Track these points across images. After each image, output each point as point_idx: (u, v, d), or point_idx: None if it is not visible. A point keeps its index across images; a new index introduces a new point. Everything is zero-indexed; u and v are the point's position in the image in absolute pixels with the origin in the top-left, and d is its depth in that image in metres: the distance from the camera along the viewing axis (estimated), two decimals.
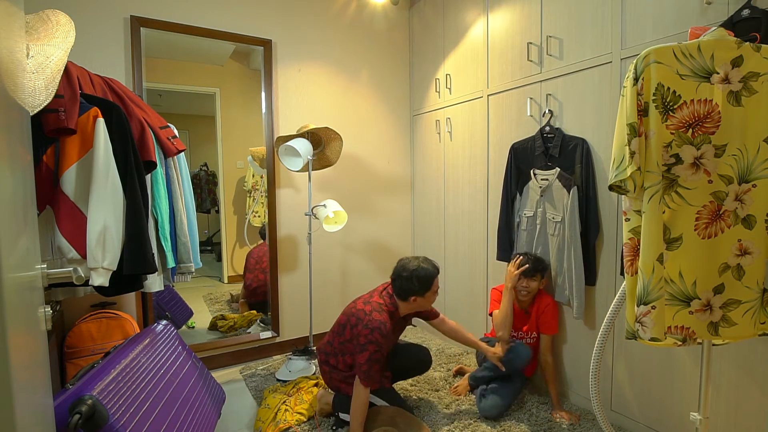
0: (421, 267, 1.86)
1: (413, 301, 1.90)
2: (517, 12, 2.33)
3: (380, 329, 1.81)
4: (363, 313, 1.87)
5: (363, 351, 1.79)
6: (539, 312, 2.14)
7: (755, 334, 1.20)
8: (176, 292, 2.71)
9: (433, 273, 1.89)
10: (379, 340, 1.79)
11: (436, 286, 1.91)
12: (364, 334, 1.81)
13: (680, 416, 1.72)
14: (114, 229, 1.25)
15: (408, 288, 1.87)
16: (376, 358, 1.78)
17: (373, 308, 1.88)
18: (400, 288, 1.90)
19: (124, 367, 1.36)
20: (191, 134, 2.86)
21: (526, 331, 2.18)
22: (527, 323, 2.18)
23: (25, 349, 0.64)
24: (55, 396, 1.17)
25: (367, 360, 1.77)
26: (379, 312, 1.87)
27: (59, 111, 1.16)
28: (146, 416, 1.31)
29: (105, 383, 1.24)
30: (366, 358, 1.77)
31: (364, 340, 1.80)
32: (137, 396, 1.32)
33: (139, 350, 1.50)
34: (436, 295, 1.94)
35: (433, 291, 1.90)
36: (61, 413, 1.12)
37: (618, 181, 1.17)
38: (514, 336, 2.21)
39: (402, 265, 1.90)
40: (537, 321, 2.15)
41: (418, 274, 1.85)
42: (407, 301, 1.91)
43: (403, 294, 1.90)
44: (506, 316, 2.10)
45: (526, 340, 2.18)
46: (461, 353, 2.78)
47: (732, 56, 1.11)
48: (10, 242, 0.59)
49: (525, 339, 2.18)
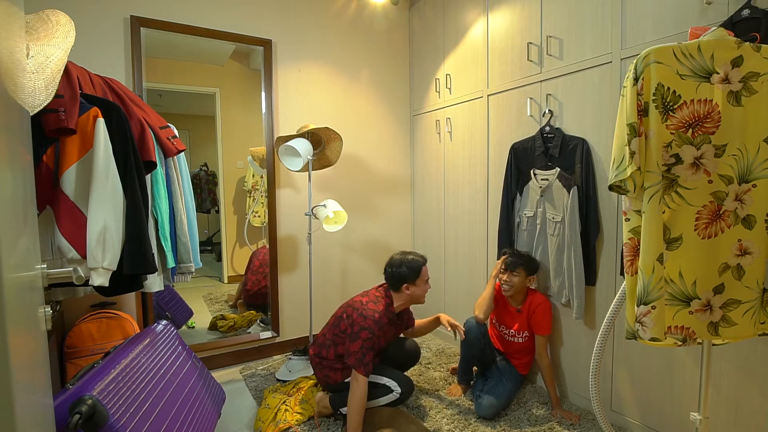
0: (409, 257, 2.01)
1: (406, 290, 2.00)
2: (517, 12, 2.33)
3: (373, 317, 1.88)
4: (359, 304, 1.97)
5: (356, 339, 1.85)
6: (530, 311, 2.15)
7: (755, 334, 1.20)
8: (176, 292, 2.71)
9: (421, 262, 2.01)
10: (372, 327, 1.86)
11: (425, 275, 2.02)
12: (358, 322, 1.88)
13: (680, 416, 1.72)
14: (114, 229, 1.25)
15: (399, 275, 1.98)
16: (369, 345, 1.83)
17: (370, 299, 2.00)
18: (391, 276, 2.01)
19: (124, 367, 1.36)
20: (191, 134, 2.86)
21: (517, 330, 2.18)
22: (518, 321, 2.18)
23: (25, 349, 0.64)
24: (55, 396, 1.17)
25: (361, 347, 1.82)
26: (375, 303, 1.97)
27: (59, 111, 1.16)
28: (146, 416, 1.31)
29: (105, 383, 1.24)
30: (359, 345, 1.83)
31: (358, 328, 1.87)
32: (137, 396, 1.32)
33: (139, 350, 1.50)
34: (428, 286, 2.05)
35: (423, 279, 2.01)
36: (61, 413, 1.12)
37: (618, 181, 1.17)
38: (504, 334, 2.23)
39: (391, 257, 2.05)
40: (529, 320, 2.16)
41: (407, 262, 1.99)
42: (400, 291, 2.01)
43: (395, 283, 2.00)
44: (484, 299, 2.18)
45: (516, 339, 2.19)
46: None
47: (732, 56, 1.11)
48: (10, 242, 0.59)
49: (516, 338, 2.19)
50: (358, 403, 1.79)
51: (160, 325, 1.75)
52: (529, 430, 1.93)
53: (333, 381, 1.99)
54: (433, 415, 2.06)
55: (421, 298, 2.04)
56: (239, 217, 2.96)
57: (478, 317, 2.15)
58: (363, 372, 1.79)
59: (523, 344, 2.18)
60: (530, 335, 2.17)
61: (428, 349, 2.85)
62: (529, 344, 2.19)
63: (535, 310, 2.13)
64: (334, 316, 2.07)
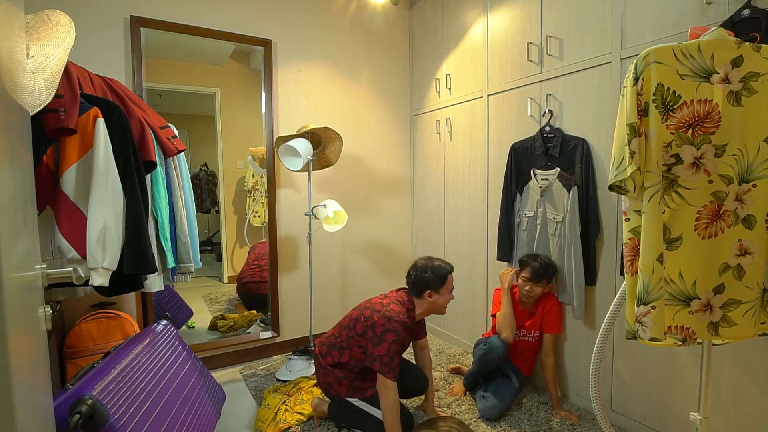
0: (435, 262, 1.89)
1: (428, 296, 1.86)
2: (517, 12, 2.33)
3: (398, 318, 1.77)
4: (380, 305, 1.82)
5: (381, 342, 1.72)
6: (544, 312, 2.14)
7: (755, 334, 1.20)
8: (176, 293, 2.71)
9: (448, 269, 1.89)
10: (398, 329, 1.74)
11: (450, 284, 1.90)
12: (380, 324, 1.75)
13: (680, 416, 1.72)
14: (114, 229, 1.25)
15: (423, 280, 1.85)
16: (396, 348, 1.72)
17: (391, 301, 1.86)
18: (414, 281, 1.87)
19: (124, 367, 1.36)
20: (191, 134, 2.86)
21: (528, 328, 2.18)
22: (530, 320, 2.18)
23: (25, 349, 0.64)
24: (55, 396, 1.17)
25: (387, 350, 1.70)
26: (397, 305, 1.84)
27: (59, 111, 1.16)
28: (146, 416, 1.31)
29: (105, 383, 1.24)
30: (386, 348, 1.70)
31: (381, 330, 1.73)
32: (137, 396, 1.32)
33: (139, 350, 1.50)
34: (451, 296, 1.92)
35: (447, 288, 1.89)
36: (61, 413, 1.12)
37: (618, 181, 1.17)
38: (517, 334, 2.20)
39: (416, 261, 1.92)
40: (542, 320, 2.15)
41: (433, 268, 1.86)
42: (422, 298, 1.88)
43: (418, 288, 1.87)
44: (506, 316, 2.10)
45: (528, 338, 2.18)
46: (461, 353, 2.78)
47: (732, 56, 1.11)
48: (10, 242, 0.59)
49: (527, 337, 2.18)
50: (392, 413, 1.68)
51: (160, 325, 1.75)
52: (529, 430, 1.93)
53: (335, 392, 1.88)
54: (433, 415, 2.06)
55: (442, 308, 1.91)
56: (239, 217, 2.96)
57: (506, 338, 2.08)
58: (392, 377, 1.69)
59: (532, 344, 2.17)
60: (540, 335, 2.17)
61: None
62: (538, 344, 2.18)
63: (549, 309, 2.12)
64: (348, 317, 1.91)
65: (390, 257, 3.31)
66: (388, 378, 1.69)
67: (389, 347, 1.71)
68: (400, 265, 3.35)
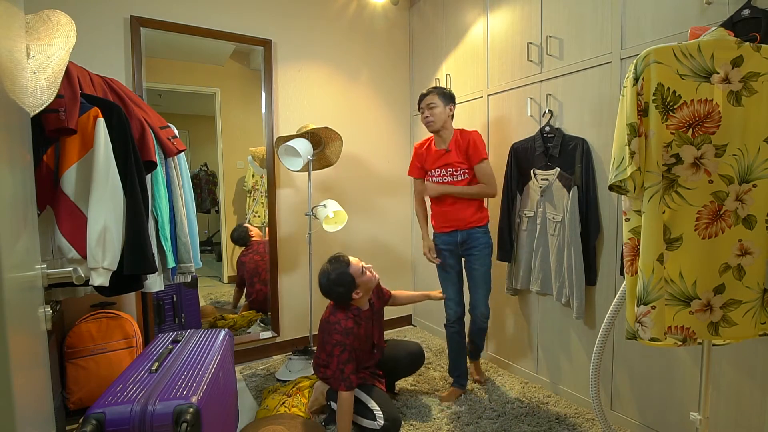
0: (332, 276, 1.90)
1: (356, 295, 1.92)
2: (517, 12, 2.33)
3: (337, 329, 1.86)
4: (325, 324, 1.96)
5: (331, 357, 1.86)
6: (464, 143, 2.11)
7: (756, 334, 1.20)
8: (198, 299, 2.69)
9: (345, 267, 1.91)
10: (342, 340, 1.84)
11: (357, 271, 1.91)
12: (328, 341, 1.89)
13: (680, 416, 1.72)
14: (114, 229, 1.25)
15: (340, 294, 1.91)
16: (344, 359, 1.82)
17: (330, 312, 1.97)
18: (338, 299, 1.94)
19: (212, 375, 1.45)
20: (191, 134, 2.86)
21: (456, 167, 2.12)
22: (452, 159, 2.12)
23: (25, 349, 0.64)
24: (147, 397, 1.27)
25: (337, 365, 1.83)
26: (334, 315, 1.94)
27: (60, 111, 1.16)
28: (222, 419, 1.46)
29: (201, 392, 1.33)
30: (335, 363, 1.84)
31: (330, 347, 1.88)
32: (219, 401, 1.46)
33: (219, 358, 1.59)
34: (371, 274, 1.97)
35: (360, 275, 1.92)
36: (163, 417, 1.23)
37: (618, 181, 1.17)
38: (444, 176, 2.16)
39: (320, 284, 1.95)
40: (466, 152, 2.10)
41: (335, 281, 1.89)
42: (354, 299, 1.95)
43: (345, 301, 1.94)
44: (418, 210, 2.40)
45: (457, 176, 2.13)
46: None
47: (732, 56, 1.11)
48: (10, 242, 0.59)
49: (456, 176, 2.13)
50: (344, 420, 1.80)
51: (223, 332, 1.82)
52: (530, 429, 1.93)
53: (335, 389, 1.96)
54: (433, 415, 2.06)
55: (370, 283, 1.96)
56: (239, 217, 2.96)
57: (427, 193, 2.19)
58: (344, 387, 1.80)
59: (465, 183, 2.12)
60: (470, 170, 2.11)
61: (428, 349, 2.85)
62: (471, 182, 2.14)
63: (467, 139, 2.10)
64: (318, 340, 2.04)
65: (390, 257, 3.31)
66: (341, 389, 1.81)
67: (338, 360, 1.83)
68: (400, 265, 3.35)
